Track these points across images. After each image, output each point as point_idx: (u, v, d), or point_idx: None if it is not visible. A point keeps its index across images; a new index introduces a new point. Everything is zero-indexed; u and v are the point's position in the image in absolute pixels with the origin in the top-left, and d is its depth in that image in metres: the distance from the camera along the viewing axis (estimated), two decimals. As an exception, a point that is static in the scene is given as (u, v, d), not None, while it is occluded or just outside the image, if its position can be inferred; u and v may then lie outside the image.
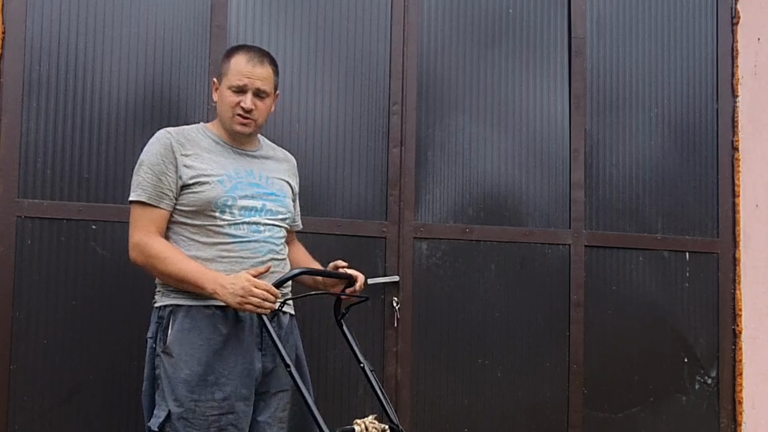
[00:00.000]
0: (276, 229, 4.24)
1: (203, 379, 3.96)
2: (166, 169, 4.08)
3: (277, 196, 4.29)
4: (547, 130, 5.99)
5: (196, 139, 4.22)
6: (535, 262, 5.91)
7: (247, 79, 4.14)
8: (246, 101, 4.14)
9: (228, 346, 4.02)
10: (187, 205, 4.09)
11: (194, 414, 3.93)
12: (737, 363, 6.23)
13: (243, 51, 4.24)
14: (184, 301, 4.06)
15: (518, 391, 5.81)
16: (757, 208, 6.28)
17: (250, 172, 4.25)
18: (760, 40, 6.39)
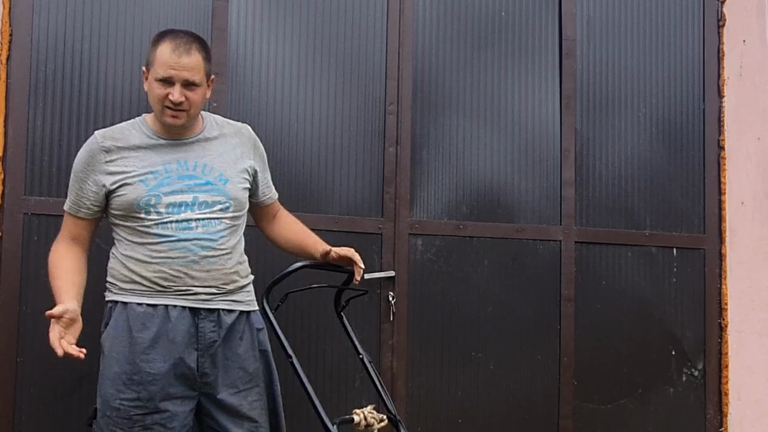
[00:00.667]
0: (213, 222, 4.03)
1: (129, 378, 3.88)
2: (87, 178, 4.03)
3: (214, 185, 4.06)
4: (538, 129, 5.99)
5: (127, 137, 4.06)
6: (527, 258, 5.92)
7: (172, 70, 3.88)
8: (174, 93, 3.89)
9: (157, 345, 3.92)
10: (116, 209, 4.01)
11: (119, 412, 3.88)
12: (723, 356, 6.25)
13: (168, 39, 3.94)
14: (120, 297, 4.02)
15: (510, 383, 5.82)
16: (743, 206, 6.29)
17: (182, 163, 4.05)
18: (746, 42, 6.39)
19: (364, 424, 4.00)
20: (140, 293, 3.96)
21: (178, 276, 3.95)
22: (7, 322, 4.90)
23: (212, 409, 4.07)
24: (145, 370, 3.87)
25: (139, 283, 3.96)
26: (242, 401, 4.09)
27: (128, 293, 3.97)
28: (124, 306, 3.97)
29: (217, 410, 4.07)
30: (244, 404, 4.10)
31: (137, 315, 3.93)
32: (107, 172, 3.97)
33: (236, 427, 4.06)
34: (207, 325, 4.01)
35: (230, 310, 4.11)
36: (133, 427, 3.86)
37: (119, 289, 4.02)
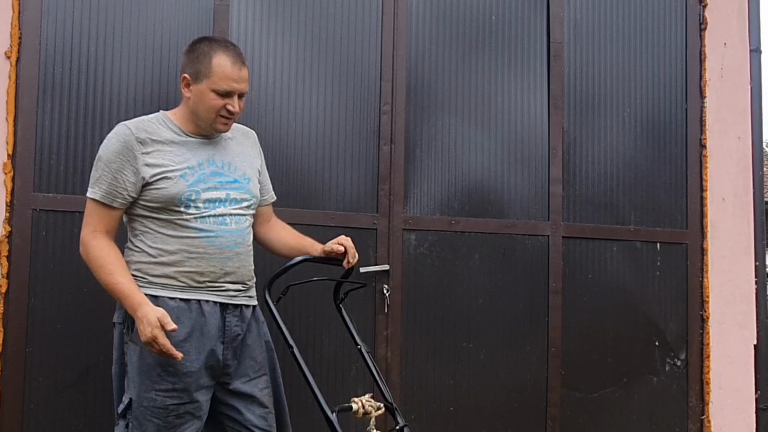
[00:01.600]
0: (242, 218, 4.12)
1: (164, 370, 3.90)
2: (123, 168, 3.94)
3: (240, 183, 4.14)
4: (527, 128, 6.00)
5: (157, 131, 4.05)
6: (516, 252, 5.93)
7: (235, 83, 3.98)
8: (234, 105, 3.99)
9: (191, 338, 3.94)
10: (151, 201, 3.96)
11: (155, 402, 3.89)
12: (705, 346, 6.26)
13: (223, 50, 4.02)
14: (150, 290, 3.96)
15: (500, 372, 5.83)
16: (724, 202, 6.33)
17: (212, 161, 4.09)
18: (726, 45, 6.43)
19: (362, 412, 4.00)
20: (172, 288, 3.96)
21: (213, 271, 4.00)
22: (16, 313, 4.92)
23: (226, 396, 4.12)
24: (181, 362, 3.88)
25: (172, 278, 3.97)
26: (254, 389, 4.16)
27: (159, 287, 3.97)
28: (155, 299, 3.92)
29: (231, 397, 4.12)
30: (256, 391, 4.16)
31: (170, 309, 3.89)
32: (145, 164, 3.94)
33: (249, 412, 4.12)
34: (233, 319, 4.07)
35: (248, 305, 4.20)
36: (168, 416, 3.90)
37: (148, 283, 3.99)
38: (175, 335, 3.84)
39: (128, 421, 3.96)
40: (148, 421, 3.90)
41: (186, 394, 3.92)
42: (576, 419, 5.99)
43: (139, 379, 3.93)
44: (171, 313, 3.87)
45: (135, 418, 3.93)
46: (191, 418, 3.96)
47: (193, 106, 4.06)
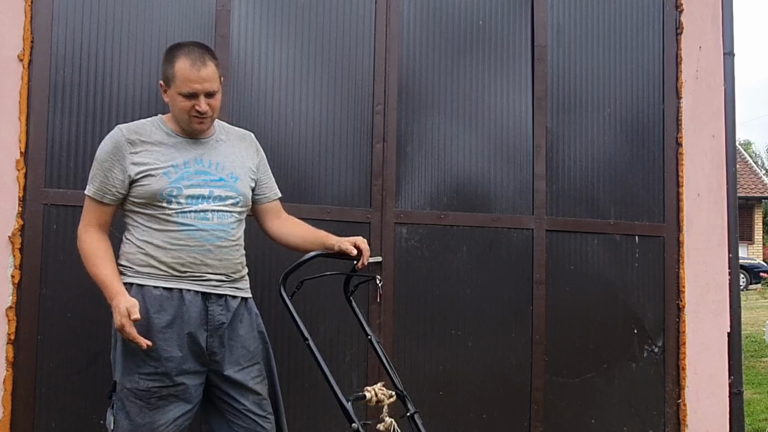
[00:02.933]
0: (225, 214, 4.13)
1: (147, 354, 3.92)
2: (113, 167, 4.02)
3: (226, 181, 4.15)
4: (512, 127, 6.03)
5: (149, 133, 4.11)
6: (502, 245, 5.95)
7: (196, 84, 3.96)
8: (200, 105, 3.98)
9: (173, 324, 3.98)
10: (137, 197, 4.03)
11: (137, 385, 3.93)
12: (681, 334, 6.29)
13: (184, 55, 4.01)
14: (136, 280, 4.04)
15: (487, 359, 5.86)
16: (699, 197, 6.37)
17: (199, 160, 4.12)
18: (701, 48, 6.46)
19: (375, 400, 4.01)
20: (156, 277, 4.01)
21: (194, 263, 4.03)
22: (28, 302, 4.95)
23: (220, 383, 4.15)
24: (163, 347, 3.94)
25: (156, 268, 4.02)
26: (246, 377, 4.17)
27: (145, 276, 4.02)
28: (140, 288, 4.01)
29: (225, 384, 4.14)
30: (248, 379, 4.17)
31: (154, 297, 3.98)
32: (132, 162, 4.00)
33: (242, 398, 4.15)
34: (216, 308, 4.09)
35: (234, 296, 4.20)
36: (150, 398, 3.93)
37: (135, 273, 4.05)
38: (158, 321, 3.95)
39: (113, 402, 4.02)
40: (130, 402, 3.94)
41: (167, 378, 3.95)
42: (559, 403, 6.02)
43: (123, 363, 3.99)
44: (154, 301, 3.98)
45: (119, 399, 3.98)
46: (175, 401, 3.98)
47: (172, 111, 4.14)
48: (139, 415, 3.94)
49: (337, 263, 4.62)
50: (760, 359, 13.87)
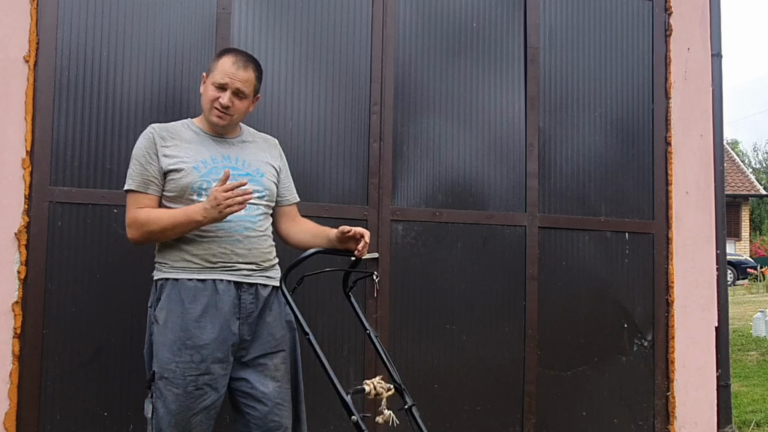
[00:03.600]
0: (252, 206, 4.19)
1: (183, 344, 4.01)
2: (150, 159, 4.15)
3: (252, 176, 4.24)
4: (505, 126, 6.05)
5: (179, 132, 4.26)
6: (496, 241, 5.97)
7: (228, 78, 4.13)
8: (224, 98, 4.13)
9: (206, 314, 4.06)
10: (170, 191, 4.15)
11: (174, 374, 4.00)
12: (670, 328, 6.32)
13: (232, 54, 4.23)
14: (171, 275, 4.13)
15: (481, 353, 5.88)
16: (687, 195, 6.39)
17: (227, 157, 4.24)
18: (690, 50, 6.48)
19: (374, 393, 4.00)
20: (190, 270, 4.09)
21: (225, 253, 4.11)
22: (34, 297, 4.97)
23: (240, 370, 4.20)
24: (198, 335, 4.03)
25: (189, 261, 4.10)
26: (269, 362, 4.23)
27: (179, 270, 4.11)
28: (176, 282, 4.11)
29: (245, 370, 4.20)
30: (270, 365, 4.23)
31: (188, 289, 4.07)
32: (164, 155, 4.15)
33: (262, 386, 4.19)
34: (248, 297, 4.16)
35: (265, 285, 4.28)
36: (187, 386, 4.00)
37: (170, 268, 4.15)
38: (192, 311, 4.03)
39: (152, 391, 4.08)
40: (168, 391, 4.01)
41: (203, 365, 4.02)
42: (551, 395, 6.04)
43: (161, 353, 4.05)
44: (189, 292, 4.07)
45: (157, 389, 4.05)
46: (209, 390, 4.05)
47: (201, 100, 4.29)
48: (175, 402, 4.01)
49: (335, 260, 4.65)
50: (747, 353, 13.88)
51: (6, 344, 4.92)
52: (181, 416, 4.00)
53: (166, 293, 4.11)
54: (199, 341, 4.02)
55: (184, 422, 4.01)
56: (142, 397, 5.07)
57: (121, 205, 5.01)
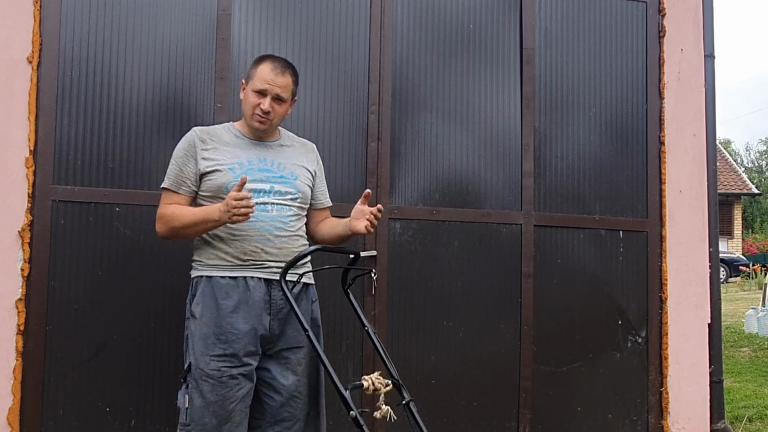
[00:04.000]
0: (284, 207, 4.32)
1: (217, 338, 4.12)
2: (187, 161, 4.28)
3: (287, 179, 4.36)
4: (502, 126, 6.05)
5: (219, 134, 4.37)
6: (492, 239, 5.98)
7: (268, 85, 4.24)
8: (265, 104, 4.25)
9: (238, 309, 4.16)
10: (206, 190, 4.26)
11: (209, 366, 4.09)
12: (663, 325, 6.31)
13: (270, 60, 4.33)
14: (206, 272, 4.24)
15: (477, 349, 5.89)
16: (680, 194, 6.40)
17: (263, 159, 4.34)
18: (683, 51, 6.49)
19: (372, 389, 4.04)
20: (223, 268, 4.21)
21: (255, 251, 4.21)
22: (37, 294, 4.98)
23: (265, 361, 4.29)
24: (230, 330, 4.14)
25: (222, 259, 4.21)
26: (292, 356, 4.33)
27: (213, 268, 4.23)
28: (209, 279, 4.23)
29: (270, 362, 4.30)
30: (293, 360, 4.33)
31: (221, 286, 4.19)
32: (203, 158, 4.27)
33: (282, 378, 4.29)
34: (278, 294, 4.23)
35: (298, 282, 4.36)
36: (221, 377, 4.10)
37: (205, 266, 4.27)
38: (225, 307, 4.16)
39: (188, 383, 4.18)
40: (203, 382, 4.11)
41: (236, 358, 4.13)
42: (546, 391, 6.05)
43: (196, 346, 4.16)
44: (221, 289, 4.21)
45: (193, 379, 4.15)
46: (244, 380, 4.16)
47: (242, 106, 4.41)
48: (211, 393, 4.11)
49: (334, 258, 4.69)
50: (739, 349, 13.90)
51: (9, 341, 4.93)
52: (219, 405, 4.11)
53: (200, 290, 4.23)
54: (232, 335, 4.14)
55: (223, 411, 4.12)
56: (143, 392, 5.13)
57: (123, 203, 5.13)
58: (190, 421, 4.13)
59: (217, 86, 5.40)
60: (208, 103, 5.41)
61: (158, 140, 5.26)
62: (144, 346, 5.19)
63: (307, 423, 4.41)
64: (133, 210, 5.18)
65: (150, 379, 5.20)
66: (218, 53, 5.42)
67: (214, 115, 5.37)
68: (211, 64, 5.43)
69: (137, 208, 5.18)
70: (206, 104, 5.41)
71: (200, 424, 4.11)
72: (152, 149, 5.25)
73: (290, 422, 4.31)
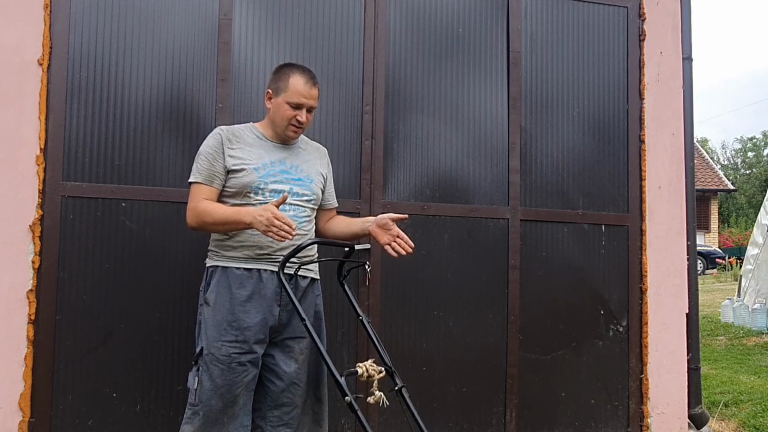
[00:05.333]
0: (300, 208, 4.40)
1: (229, 324, 4.18)
2: (217, 157, 4.32)
3: (303, 181, 4.43)
4: (489, 126, 6.07)
5: (243, 135, 4.41)
6: (480, 233, 6.00)
7: (304, 99, 4.33)
8: (302, 116, 4.34)
9: (251, 299, 4.23)
10: (230, 187, 4.30)
11: (220, 350, 4.16)
12: (643, 314, 6.34)
13: (299, 73, 4.38)
14: (221, 263, 4.31)
15: (466, 337, 5.91)
16: (660, 189, 6.42)
17: (283, 162, 4.41)
18: (662, 54, 6.51)
19: (366, 375, 4.06)
20: (238, 260, 4.28)
21: (271, 246, 4.27)
22: (47, 285, 5.02)
23: (270, 348, 4.35)
24: (243, 318, 4.22)
25: (239, 251, 4.28)
26: (295, 346, 4.39)
27: (229, 260, 4.30)
28: (225, 269, 4.30)
29: (275, 349, 4.36)
30: (296, 348, 4.39)
31: (236, 276, 4.26)
32: (229, 155, 4.32)
33: (285, 365, 4.35)
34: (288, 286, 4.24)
35: (304, 276, 4.43)
36: (231, 363, 4.17)
37: (221, 257, 4.35)
38: (239, 296, 4.23)
39: (199, 366, 4.23)
40: (213, 366, 4.17)
41: (246, 345, 4.20)
42: (532, 378, 6.07)
43: (209, 332, 4.22)
44: (236, 279, 4.28)
45: (204, 363, 4.21)
46: (251, 367, 4.23)
47: (272, 116, 4.46)
48: (221, 378, 4.17)
49: (330, 251, 4.73)
50: (715, 338, 13.95)
51: (21, 329, 4.96)
52: (226, 389, 4.17)
53: (216, 279, 4.29)
54: (244, 323, 4.21)
55: (229, 395, 4.17)
56: (148, 378, 5.15)
57: (129, 199, 5.14)
58: (198, 402, 4.19)
59: (219, 88, 5.42)
60: (209, 103, 5.42)
61: (162, 139, 5.29)
62: (149, 335, 5.22)
63: (305, 409, 4.46)
64: (138, 205, 5.21)
65: (155, 365, 5.23)
66: (219, 56, 5.44)
67: (215, 115, 5.39)
68: (212, 67, 5.44)
69: (142, 203, 5.21)
70: (208, 105, 5.42)
71: (207, 405, 4.17)
72: (157, 147, 5.27)
73: (289, 407, 4.36)
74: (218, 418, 4.17)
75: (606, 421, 6.26)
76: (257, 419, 4.38)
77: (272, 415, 4.36)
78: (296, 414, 4.40)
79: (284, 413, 4.36)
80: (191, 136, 5.36)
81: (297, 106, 4.34)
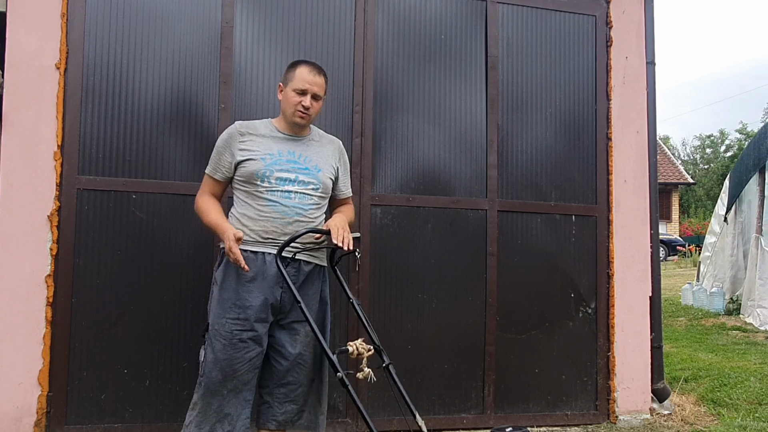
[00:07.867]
0: (306, 196, 4.36)
1: (233, 303, 4.21)
2: (225, 152, 4.37)
3: (310, 170, 4.39)
4: (469, 124, 6.09)
5: (257, 128, 4.43)
6: (461, 223, 6.03)
7: (308, 85, 4.32)
8: (306, 101, 4.32)
9: (255, 280, 4.23)
10: (240, 176, 4.32)
11: (224, 327, 4.19)
12: (610, 297, 6.36)
13: (305, 64, 4.40)
14: None
15: (448, 318, 5.95)
16: (625, 183, 6.44)
17: (292, 152, 4.39)
18: (628, 58, 6.53)
19: (356, 353, 4.08)
20: (246, 242, 4.26)
21: (276, 231, 4.27)
22: (64, 270, 5.07)
23: (277, 331, 4.37)
24: (246, 298, 4.24)
25: (247, 235, 4.27)
26: (301, 329, 4.38)
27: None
28: None
29: (281, 332, 4.37)
30: (302, 331, 4.38)
31: (244, 258, 4.19)
32: (239, 149, 4.35)
33: (290, 347, 4.36)
34: (290, 270, 4.30)
35: (308, 261, 4.41)
36: (233, 339, 4.20)
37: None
38: (244, 276, 4.24)
39: (206, 339, 4.26)
40: (216, 340, 4.21)
41: (247, 322, 4.21)
42: (508, 355, 6.09)
43: (215, 309, 4.27)
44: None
45: (209, 337, 4.25)
46: (253, 344, 4.24)
47: (283, 106, 4.45)
48: (222, 352, 4.21)
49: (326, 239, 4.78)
50: (676, 319, 14.02)
51: (40, 311, 5.01)
52: (227, 363, 4.19)
53: (226, 259, 4.30)
54: (246, 302, 4.23)
55: (229, 369, 4.20)
56: (157, 356, 5.18)
57: (138, 191, 5.19)
58: (203, 373, 4.24)
59: (221, 89, 5.45)
60: (212, 104, 5.45)
61: (169, 136, 5.32)
62: (158, 316, 5.26)
63: (311, 388, 4.47)
64: (147, 197, 5.25)
65: (163, 344, 5.27)
66: (222, 60, 5.46)
67: (218, 115, 5.42)
68: (215, 70, 5.47)
69: (151, 195, 5.25)
70: (211, 105, 5.45)
71: (209, 377, 4.21)
72: (164, 144, 5.30)
73: (294, 386, 4.37)
74: (218, 389, 4.21)
75: (576, 395, 6.29)
76: (265, 395, 4.42)
77: (279, 392, 4.38)
78: (302, 392, 4.41)
79: (290, 390, 4.38)
80: (196, 134, 5.40)
81: (302, 92, 4.34)
